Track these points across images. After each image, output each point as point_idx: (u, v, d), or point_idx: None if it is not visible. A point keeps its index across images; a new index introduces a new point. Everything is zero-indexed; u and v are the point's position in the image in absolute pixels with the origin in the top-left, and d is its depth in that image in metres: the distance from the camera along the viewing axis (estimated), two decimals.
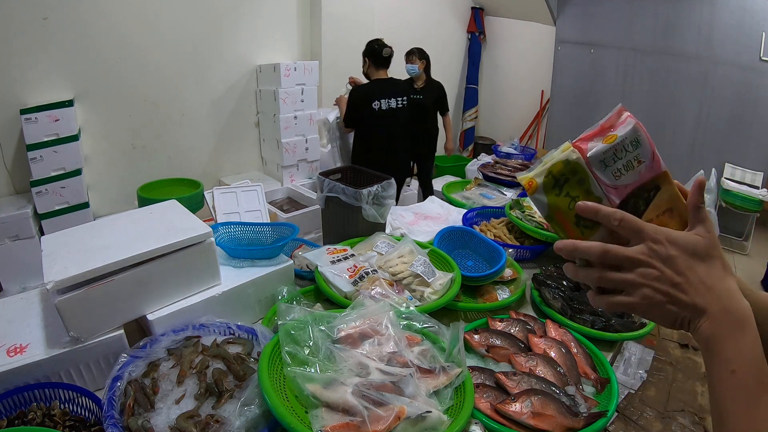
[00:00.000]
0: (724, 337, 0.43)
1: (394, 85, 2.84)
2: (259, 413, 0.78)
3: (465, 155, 5.54)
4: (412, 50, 3.56)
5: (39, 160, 2.55)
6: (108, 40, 2.85)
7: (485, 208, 1.88)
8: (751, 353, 0.43)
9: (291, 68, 3.41)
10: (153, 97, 3.17)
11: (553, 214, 0.48)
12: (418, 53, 3.54)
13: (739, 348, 0.43)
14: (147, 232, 1.04)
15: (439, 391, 0.84)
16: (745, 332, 0.43)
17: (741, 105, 3.81)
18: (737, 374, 0.42)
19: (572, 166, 0.46)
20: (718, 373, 0.43)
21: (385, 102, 2.75)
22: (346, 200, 1.53)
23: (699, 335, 0.45)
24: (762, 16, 3.55)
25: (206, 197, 1.79)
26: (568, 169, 0.46)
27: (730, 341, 0.43)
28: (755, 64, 3.66)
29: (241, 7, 3.41)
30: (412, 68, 3.53)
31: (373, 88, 2.79)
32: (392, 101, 2.78)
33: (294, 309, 0.95)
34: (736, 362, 0.42)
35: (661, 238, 0.44)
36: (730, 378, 0.42)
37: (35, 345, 0.89)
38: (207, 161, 3.61)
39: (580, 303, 1.25)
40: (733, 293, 0.45)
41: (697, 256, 0.45)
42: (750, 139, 3.89)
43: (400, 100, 2.80)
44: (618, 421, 1.01)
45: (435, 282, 1.21)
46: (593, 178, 0.46)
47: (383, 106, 2.74)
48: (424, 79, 3.60)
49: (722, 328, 0.44)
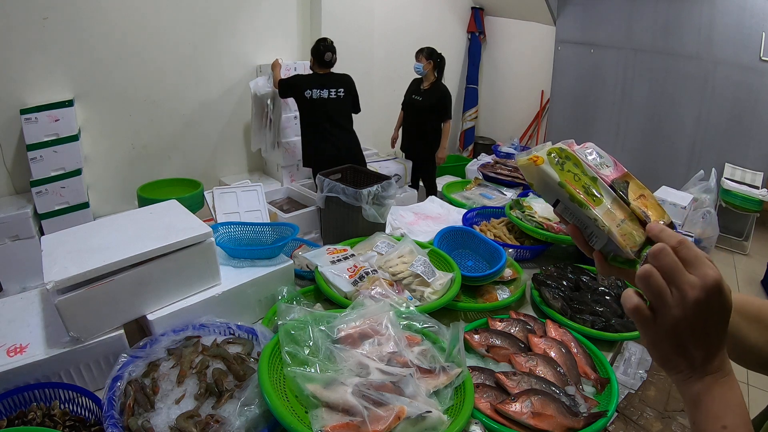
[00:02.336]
0: (715, 393, 0.43)
1: (329, 77, 3.05)
2: (259, 413, 0.78)
3: (465, 155, 5.54)
4: (422, 48, 3.49)
5: (39, 160, 2.55)
6: (108, 40, 2.85)
7: (485, 208, 1.88)
8: (739, 408, 0.42)
9: (291, 68, 3.41)
10: (153, 97, 3.17)
11: (564, 183, 0.51)
12: (426, 52, 3.45)
13: (728, 403, 0.42)
14: (147, 232, 1.04)
15: (439, 391, 0.84)
16: (733, 388, 0.43)
17: (741, 105, 3.81)
18: (729, 429, 0.41)
19: (565, 151, 0.52)
20: (707, 427, 0.43)
21: (317, 92, 2.98)
22: (346, 200, 1.53)
23: (687, 388, 0.44)
24: (762, 16, 3.55)
25: (206, 197, 1.79)
26: (563, 153, 0.52)
27: (719, 395, 0.42)
28: (755, 64, 3.66)
29: (241, 7, 3.41)
30: (417, 66, 3.48)
31: (310, 78, 3.04)
32: (324, 91, 3.00)
33: (294, 309, 0.95)
34: (727, 418, 0.42)
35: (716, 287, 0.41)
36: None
37: (35, 345, 0.89)
38: (207, 161, 3.61)
39: (580, 303, 1.25)
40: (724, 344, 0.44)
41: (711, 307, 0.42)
42: (750, 139, 3.89)
43: (334, 90, 3.01)
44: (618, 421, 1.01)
45: (435, 282, 1.21)
46: (584, 163, 0.52)
47: (314, 96, 2.98)
48: (432, 81, 3.51)
49: (715, 385, 0.43)
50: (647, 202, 0.52)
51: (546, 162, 0.51)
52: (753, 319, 0.55)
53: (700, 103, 3.96)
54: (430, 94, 3.52)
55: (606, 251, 0.51)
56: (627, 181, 0.53)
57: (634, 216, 0.50)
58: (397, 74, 4.76)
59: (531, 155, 0.52)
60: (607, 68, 4.36)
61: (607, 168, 0.53)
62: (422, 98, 3.54)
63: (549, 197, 0.54)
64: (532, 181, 0.54)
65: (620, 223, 0.49)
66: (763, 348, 0.54)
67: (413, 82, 3.68)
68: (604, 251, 0.51)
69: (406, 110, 3.73)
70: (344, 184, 1.57)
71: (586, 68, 4.49)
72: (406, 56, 4.84)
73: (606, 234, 0.49)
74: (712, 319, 0.42)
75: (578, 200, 0.50)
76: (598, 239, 0.51)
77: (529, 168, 0.52)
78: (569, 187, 0.50)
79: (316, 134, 3.08)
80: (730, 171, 3.96)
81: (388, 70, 4.67)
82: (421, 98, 3.54)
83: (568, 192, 0.51)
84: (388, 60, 4.65)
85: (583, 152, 0.54)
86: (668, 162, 4.19)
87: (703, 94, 3.93)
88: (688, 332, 0.42)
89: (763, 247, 4.04)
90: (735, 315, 0.53)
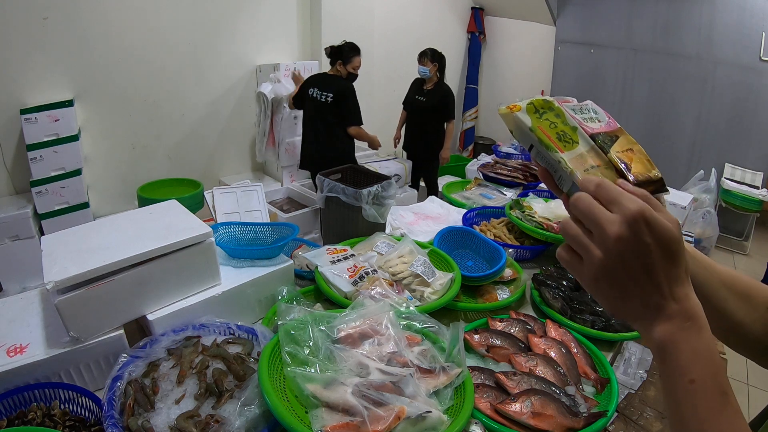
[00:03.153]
0: (678, 342, 0.39)
1: (323, 78, 3.07)
2: (259, 413, 0.78)
3: (465, 155, 5.54)
4: (425, 51, 3.46)
5: (39, 160, 2.55)
6: (108, 40, 2.85)
7: (485, 208, 1.88)
8: (708, 359, 0.39)
9: (291, 68, 3.41)
10: (153, 97, 3.17)
11: (535, 128, 0.54)
12: (430, 55, 3.43)
13: (696, 352, 0.39)
14: (147, 232, 1.04)
15: (439, 391, 0.84)
16: (701, 334, 0.40)
17: (741, 105, 3.81)
18: (696, 384, 0.38)
19: (549, 103, 0.55)
20: (674, 381, 0.40)
21: (315, 91, 3.03)
22: (346, 200, 1.53)
23: (651, 338, 0.41)
24: (762, 16, 3.55)
25: (206, 197, 1.79)
26: (546, 105, 0.55)
27: (686, 346, 0.39)
28: (755, 64, 3.66)
29: (241, 7, 3.41)
30: (423, 70, 3.46)
31: (313, 78, 3.10)
32: (318, 92, 3.03)
33: (294, 309, 0.95)
34: (694, 371, 0.39)
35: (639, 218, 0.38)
36: (689, 388, 0.39)
37: (35, 345, 0.89)
38: (207, 161, 3.61)
39: (580, 303, 1.25)
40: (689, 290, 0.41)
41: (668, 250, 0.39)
42: (750, 139, 3.89)
43: (324, 93, 3.02)
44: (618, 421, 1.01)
45: (435, 282, 1.21)
46: (567, 114, 0.54)
47: (313, 94, 3.03)
48: (435, 81, 3.51)
49: (678, 332, 0.39)
50: (633, 156, 0.53)
51: (523, 110, 0.55)
52: (741, 296, 0.54)
53: (700, 103, 3.96)
54: (433, 94, 3.53)
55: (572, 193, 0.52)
56: (616, 135, 0.54)
57: (611, 165, 0.51)
58: (398, 74, 4.76)
59: (511, 104, 0.56)
60: (607, 68, 4.36)
61: (597, 123, 0.56)
62: (425, 99, 3.54)
63: (525, 142, 0.57)
64: (511, 128, 0.57)
65: (588, 168, 0.51)
66: (750, 327, 0.54)
67: (415, 82, 3.68)
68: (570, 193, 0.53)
69: (408, 110, 3.73)
70: (344, 184, 1.57)
71: (586, 68, 4.49)
72: (406, 56, 4.84)
73: (569, 176, 0.51)
74: (646, 254, 0.39)
75: (546, 143, 0.53)
76: (564, 182, 0.53)
77: (507, 116, 0.56)
78: (539, 131, 0.54)
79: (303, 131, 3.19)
80: (730, 171, 3.96)
81: (388, 70, 4.67)
82: (425, 99, 3.54)
83: (537, 136, 0.54)
84: (389, 60, 4.65)
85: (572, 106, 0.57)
86: (668, 162, 4.19)
87: (703, 94, 3.93)
88: (622, 272, 0.39)
89: (763, 247, 4.04)
90: (723, 290, 0.53)
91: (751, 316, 0.54)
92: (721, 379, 0.39)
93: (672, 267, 0.40)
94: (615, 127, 0.55)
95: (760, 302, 0.54)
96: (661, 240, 0.39)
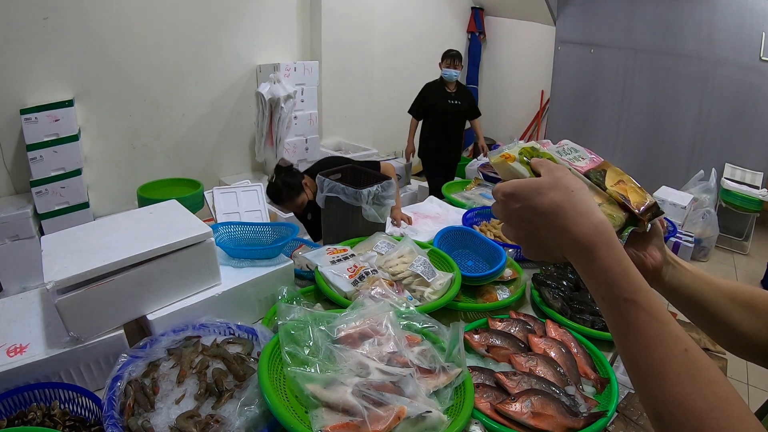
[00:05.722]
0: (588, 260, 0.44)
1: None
2: (259, 413, 0.78)
3: (465, 155, 5.54)
4: (455, 53, 3.32)
5: (39, 160, 2.55)
6: (108, 40, 2.85)
7: (485, 208, 1.88)
8: (618, 267, 0.43)
9: (291, 68, 3.41)
10: (153, 97, 3.17)
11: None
12: (458, 57, 3.33)
13: (606, 267, 0.43)
14: (147, 232, 1.04)
15: (439, 391, 0.84)
16: (610, 248, 0.44)
17: (741, 105, 3.81)
18: (606, 301, 0.43)
19: (536, 150, 0.55)
20: (594, 295, 0.45)
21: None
22: (346, 200, 1.53)
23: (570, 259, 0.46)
24: (762, 16, 3.54)
25: (206, 197, 1.80)
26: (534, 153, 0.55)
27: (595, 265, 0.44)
28: (755, 64, 3.65)
29: (241, 7, 3.41)
30: (454, 74, 3.34)
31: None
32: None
33: (294, 309, 0.95)
34: (603, 289, 0.43)
35: (498, 196, 0.49)
36: (602, 304, 0.44)
37: (35, 345, 0.89)
38: (207, 161, 3.61)
39: (580, 303, 1.25)
40: (587, 211, 0.45)
41: (540, 195, 0.46)
42: (750, 139, 3.89)
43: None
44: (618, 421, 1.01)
45: (435, 282, 1.21)
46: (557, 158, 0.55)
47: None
48: (454, 82, 3.43)
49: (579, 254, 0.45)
50: (626, 186, 0.54)
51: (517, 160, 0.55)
52: (745, 306, 0.54)
53: (700, 103, 3.95)
54: (461, 96, 3.42)
55: None
56: (604, 169, 0.56)
57: (612, 200, 0.52)
58: (397, 74, 4.76)
59: (503, 152, 0.55)
60: (607, 68, 4.35)
61: (582, 160, 0.57)
62: (460, 102, 3.40)
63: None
64: (505, 177, 0.57)
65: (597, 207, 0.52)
66: (755, 335, 0.54)
67: (434, 87, 3.45)
68: None
69: (434, 117, 3.48)
70: (344, 184, 1.57)
71: (586, 68, 4.49)
72: (406, 56, 4.85)
73: None
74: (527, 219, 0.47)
75: None
76: None
77: (501, 165, 0.55)
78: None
79: None
80: (730, 171, 3.96)
81: (388, 69, 4.68)
82: (459, 102, 3.40)
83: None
84: (388, 60, 4.65)
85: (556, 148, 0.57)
86: (668, 162, 4.19)
87: (703, 94, 3.92)
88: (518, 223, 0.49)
89: (763, 247, 4.04)
90: (728, 303, 0.54)
91: (756, 324, 0.54)
92: (626, 285, 0.42)
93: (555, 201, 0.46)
94: (600, 162, 0.57)
95: (763, 310, 0.55)
96: (528, 196, 0.47)
